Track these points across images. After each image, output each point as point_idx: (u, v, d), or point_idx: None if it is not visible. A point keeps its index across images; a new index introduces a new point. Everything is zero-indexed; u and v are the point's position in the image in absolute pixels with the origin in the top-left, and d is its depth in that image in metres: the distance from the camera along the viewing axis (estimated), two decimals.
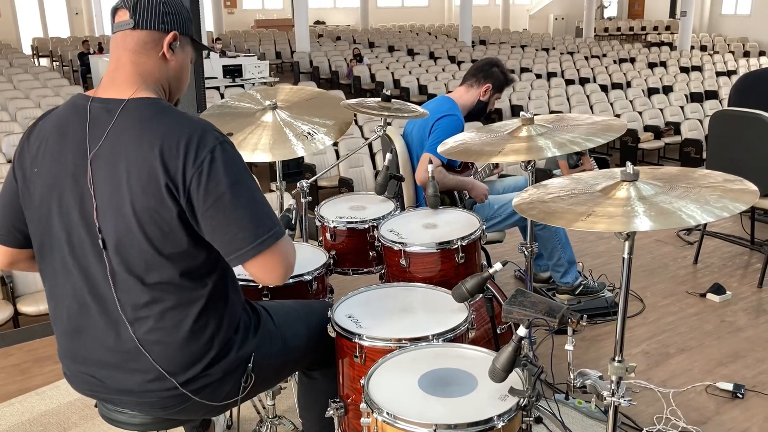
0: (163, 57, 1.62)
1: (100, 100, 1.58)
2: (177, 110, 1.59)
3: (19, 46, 20.41)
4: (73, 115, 1.59)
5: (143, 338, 1.58)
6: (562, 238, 3.52)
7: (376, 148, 7.66)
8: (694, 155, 9.44)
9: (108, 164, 1.53)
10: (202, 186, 1.50)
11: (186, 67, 1.71)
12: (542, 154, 2.27)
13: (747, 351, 3.20)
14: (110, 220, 1.53)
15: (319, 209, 2.71)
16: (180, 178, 1.49)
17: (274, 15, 26.16)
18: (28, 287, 4.54)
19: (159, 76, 1.64)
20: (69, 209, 1.57)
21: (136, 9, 1.59)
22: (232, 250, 1.55)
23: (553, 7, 28.91)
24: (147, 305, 1.57)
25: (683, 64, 16.98)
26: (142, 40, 1.60)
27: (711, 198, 1.64)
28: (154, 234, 1.52)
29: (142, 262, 1.54)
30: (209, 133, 1.54)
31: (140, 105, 1.56)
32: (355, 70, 15.19)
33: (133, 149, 1.51)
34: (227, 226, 1.52)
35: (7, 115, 9.30)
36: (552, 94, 12.20)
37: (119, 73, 1.60)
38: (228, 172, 1.52)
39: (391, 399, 1.59)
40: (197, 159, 1.50)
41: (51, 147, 1.59)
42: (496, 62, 3.50)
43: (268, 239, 1.55)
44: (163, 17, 1.60)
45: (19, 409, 2.87)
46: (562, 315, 1.69)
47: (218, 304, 1.65)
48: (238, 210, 1.52)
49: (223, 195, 1.51)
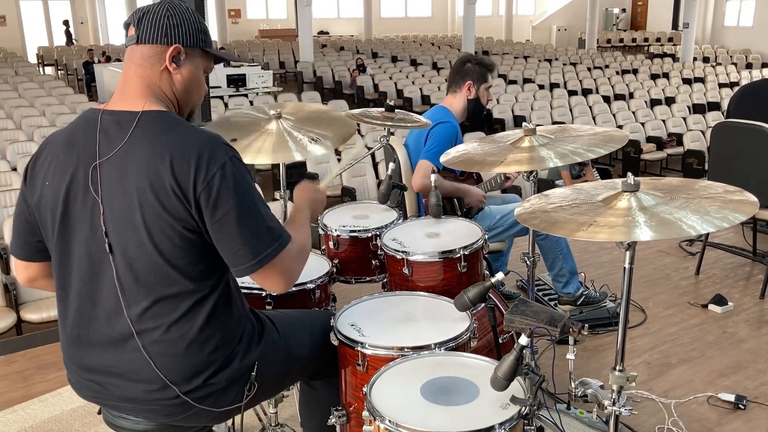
0: (167, 70, 1.64)
1: (111, 113, 1.61)
2: (188, 123, 1.62)
3: (24, 54, 20.52)
4: (83, 128, 1.62)
5: (148, 348, 1.59)
6: (564, 249, 3.53)
7: (378, 157, 7.69)
8: (696, 166, 9.45)
9: (119, 175, 1.55)
10: (212, 201, 1.54)
11: (195, 80, 1.71)
12: (544, 164, 2.29)
13: (749, 362, 3.20)
14: (121, 230, 1.56)
15: (322, 218, 2.72)
16: (190, 192, 1.53)
17: (278, 25, 26.27)
18: (31, 295, 4.55)
19: (165, 89, 1.66)
20: (80, 220, 1.59)
21: (140, 24, 1.62)
22: (234, 264, 1.60)
23: (556, 18, 29.01)
24: (153, 316, 1.59)
25: (686, 75, 17.01)
26: (145, 55, 1.63)
27: (711, 209, 1.65)
28: (164, 245, 1.55)
29: (150, 273, 1.56)
30: (220, 147, 1.57)
31: (152, 117, 1.59)
32: (358, 80, 15.25)
33: (144, 161, 1.54)
34: (231, 241, 1.57)
35: (12, 123, 9.34)
36: (555, 105, 12.23)
37: (128, 87, 1.64)
38: (237, 188, 1.56)
39: (393, 407, 1.60)
40: (208, 173, 1.53)
41: (62, 160, 1.61)
42: (467, 58, 3.53)
43: (267, 255, 1.59)
44: (166, 30, 1.62)
45: (22, 416, 2.88)
46: (563, 324, 1.70)
47: (223, 315, 1.66)
48: (242, 227, 1.56)
49: (230, 211, 1.55)
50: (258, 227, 1.59)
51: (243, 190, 1.57)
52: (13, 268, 4.62)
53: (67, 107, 10.49)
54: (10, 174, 6.75)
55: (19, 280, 1.83)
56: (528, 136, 2.45)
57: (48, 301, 4.50)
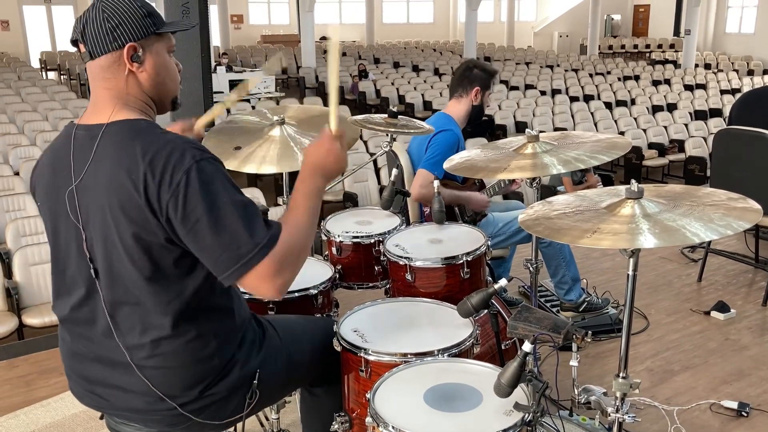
0: (131, 73, 1.56)
1: (84, 127, 1.58)
2: (155, 130, 1.54)
3: (27, 59, 20.57)
4: (63, 145, 1.60)
5: (141, 364, 1.58)
6: (567, 255, 3.53)
7: (380, 163, 7.70)
8: (698, 173, 9.44)
9: (94, 193, 1.52)
10: (179, 211, 1.46)
11: (163, 66, 1.61)
12: (548, 171, 2.29)
13: (751, 369, 3.20)
14: (100, 249, 1.54)
15: (325, 224, 2.72)
16: (156, 203, 1.46)
17: (280, 30, 26.33)
18: (33, 299, 4.55)
19: (135, 91, 1.58)
20: (69, 240, 1.60)
21: (85, 38, 1.54)
22: (219, 271, 1.51)
23: (557, 24, 29.06)
24: (143, 332, 1.57)
25: (687, 82, 17.02)
26: (104, 66, 1.55)
27: (715, 216, 1.65)
28: (141, 261, 1.51)
29: (136, 290, 1.54)
30: (187, 152, 1.48)
31: (117, 129, 1.53)
32: (360, 86, 15.27)
33: (113, 176, 1.49)
34: (209, 249, 1.48)
35: (15, 128, 9.36)
36: (556, 111, 12.23)
37: (97, 99, 1.59)
38: (204, 194, 1.46)
39: (396, 413, 1.60)
40: (172, 182, 1.45)
41: (47, 179, 1.62)
42: (474, 64, 3.51)
43: (251, 260, 1.47)
44: (112, 35, 1.52)
45: (24, 420, 2.88)
46: (566, 331, 1.70)
47: (219, 323, 1.65)
48: (219, 232, 1.46)
49: (200, 219, 1.46)
50: (235, 230, 1.47)
51: (212, 193, 1.46)
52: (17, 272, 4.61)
53: (70, 112, 10.51)
54: (13, 179, 6.75)
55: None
56: (531, 142, 2.45)
57: (50, 306, 4.49)
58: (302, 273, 2.41)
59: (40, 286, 4.60)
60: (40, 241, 5.03)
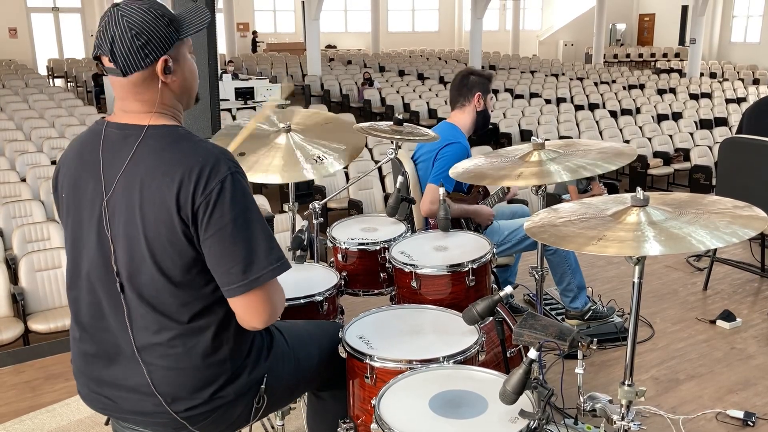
0: (164, 84, 1.58)
1: (116, 125, 1.60)
2: (193, 138, 1.58)
3: (35, 66, 20.70)
4: (91, 141, 1.63)
5: (155, 364, 1.59)
6: (572, 263, 3.52)
7: (385, 170, 7.71)
8: (703, 182, 9.43)
9: (124, 192, 1.55)
10: (207, 215, 1.50)
11: (190, 72, 1.65)
12: (553, 179, 2.29)
13: (757, 379, 3.18)
14: (124, 248, 1.56)
15: (330, 230, 2.73)
16: (189, 206, 1.50)
17: (286, 39, 26.43)
18: (39, 305, 4.57)
19: (167, 100, 1.61)
20: (89, 237, 1.61)
21: (115, 56, 1.53)
22: (224, 282, 1.55)
23: (562, 33, 29.11)
24: (158, 332, 1.58)
25: (692, 90, 17.01)
26: (137, 83, 1.56)
27: (720, 224, 1.65)
28: (165, 263, 1.54)
29: (153, 290, 1.56)
30: (223, 162, 1.53)
31: (157, 134, 1.57)
32: (365, 94, 15.31)
33: (148, 178, 1.52)
34: (223, 257, 1.52)
35: (22, 135, 9.42)
36: (561, 120, 12.24)
37: (129, 106, 1.60)
38: (234, 204, 1.51)
39: (401, 420, 1.60)
40: (207, 188, 1.50)
41: (72, 172, 1.64)
42: (469, 71, 3.53)
43: (261, 277, 1.53)
44: (142, 51, 1.53)
45: (29, 425, 2.88)
46: (572, 338, 1.70)
47: (231, 329, 1.66)
48: (237, 244, 1.51)
49: (225, 226, 1.50)
50: (254, 246, 1.53)
51: (242, 205, 1.52)
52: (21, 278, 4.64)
53: (77, 119, 10.57)
54: (19, 185, 6.79)
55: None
56: (537, 150, 2.45)
57: (55, 311, 4.52)
58: (308, 279, 2.43)
59: (45, 292, 4.62)
60: (46, 247, 5.06)
